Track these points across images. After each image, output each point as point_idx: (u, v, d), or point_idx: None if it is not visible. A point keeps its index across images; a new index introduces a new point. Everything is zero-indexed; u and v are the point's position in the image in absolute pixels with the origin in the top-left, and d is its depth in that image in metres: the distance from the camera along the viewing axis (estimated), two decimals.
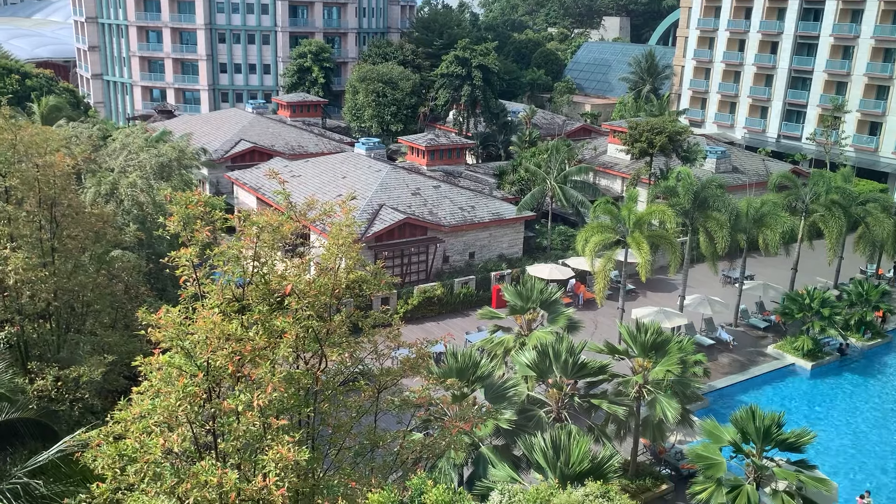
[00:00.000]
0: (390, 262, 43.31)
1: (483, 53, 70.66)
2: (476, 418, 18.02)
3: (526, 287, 29.08)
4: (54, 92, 56.49)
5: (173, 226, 14.17)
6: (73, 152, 25.44)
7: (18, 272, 19.27)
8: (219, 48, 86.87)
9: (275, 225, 14.14)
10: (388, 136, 71.00)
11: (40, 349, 21.22)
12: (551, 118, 79.03)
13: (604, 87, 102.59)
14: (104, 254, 23.73)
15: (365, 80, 72.53)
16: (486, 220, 47.18)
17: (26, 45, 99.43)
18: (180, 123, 67.08)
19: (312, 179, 49.65)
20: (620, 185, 60.03)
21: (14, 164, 21.54)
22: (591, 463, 18.97)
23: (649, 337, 25.61)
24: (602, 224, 36.21)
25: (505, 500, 12.63)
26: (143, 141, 37.38)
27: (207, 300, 14.02)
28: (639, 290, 46.14)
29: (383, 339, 15.91)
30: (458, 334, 37.74)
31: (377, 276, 15.58)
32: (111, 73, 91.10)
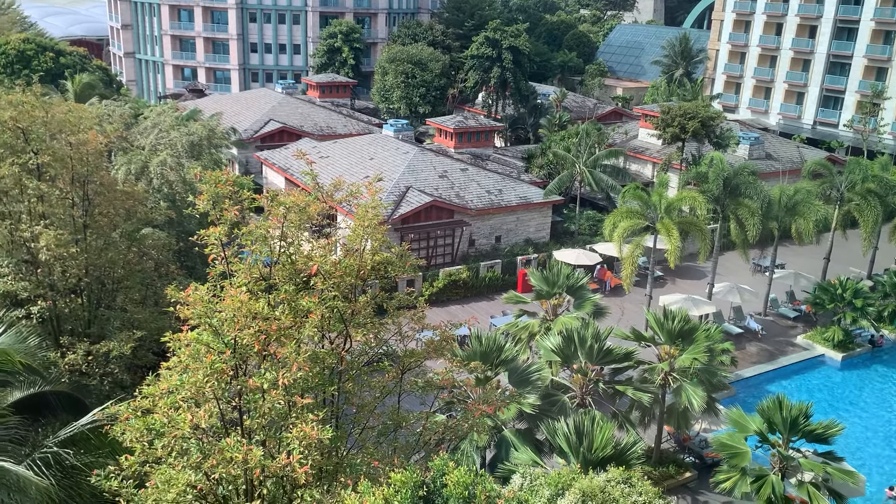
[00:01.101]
0: (416, 245, 43.36)
1: (514, 35, 70.01)
2: (499, 402, 18.03)
3: (552, 272, 28.95)
4: (88, 70, 57.09)
5: (202, 204, 14.31)
6: (105, 130, 25.72)
7: (51, 248, 19.59)
8: (249, 28, 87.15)
9: (302, 205, 14.20)
10: (416, 118, 70.85)
11: (72, 324, 21.61)
12: (582, 101, 78.24)
13: (636, 71, 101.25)
14: (135, 231, 24.03)
15: (394, 62, 72.33)
16: (513, 203, 46.96)
17: (61, 22, 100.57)
18: (211, 103, 67.53)
19: (340, 161, 49.76)
20: (651, 170, 59.35)
21: (46, 141, 21.83)
22: (614, 449, 18.92)
23: (676, 324, 25.38)
24: (631, 209, 35.84)
25: (526, 483, 12.64)
26: (173, 119, 37.69)
27: (235, 279, 14.15)
28: (667, 277, 45.71)
29: (408, 320, 15.95)
30: (482, 318, 37.75)
31: (402, 259, 15.59)
32: (143, 52, 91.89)
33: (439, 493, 11.00)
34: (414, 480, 10.95)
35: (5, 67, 52.47)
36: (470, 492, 10.59)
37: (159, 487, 12.42)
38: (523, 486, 12.78)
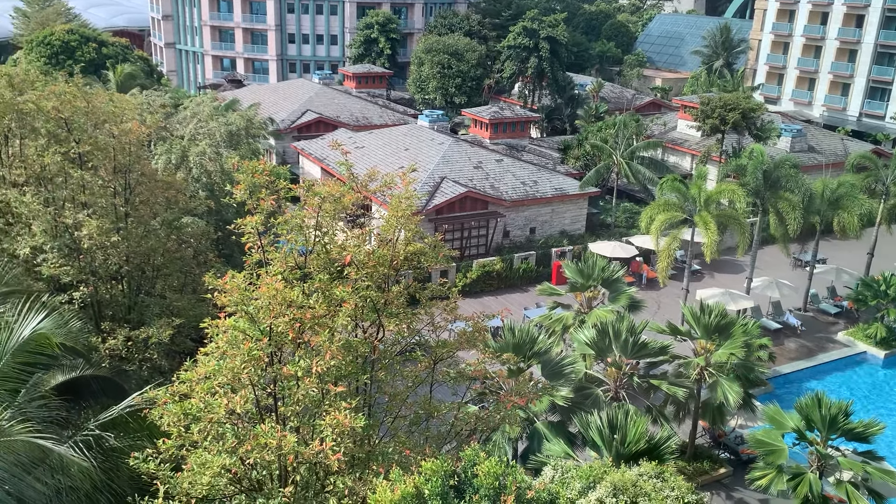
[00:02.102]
0: (450, 236, 43.39)
1: (552, 25, 69.42)
2: (531, 394, 18.00)
3: (587, 264, 28.74)
4: (129, 60, 58.07)
5: (240, 194, 14.49)
6: (146, 120, 26.16)
7: (93, 236, 20.01)
8: (287, 18, 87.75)
9: (336, 195, 14.29)
10: (451, 109, 70.75)
11: (113, 310, 22.06)
12: (620, 92, 77.36)
13: (675, 61, 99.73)
14: (174, 220, 24.41)
15: (430, 52, 72.26)
16: (548, 195, 46.69)
17: (104, 13, 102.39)
18: (249, 93, 68.25)
19: (375, 151, 49.95)
20: (690, 162, 58.52)
21: (87, 131, 22.26)
22: (647, 443, 18.76)
23: (713, 319, 25.05)
24: (669, 202, 35.40)
25: (558, 475, 12.62)
26: (212, 109, 38.19)
27: (271, 267, 14.31)
28: (704, 271, 45.09)
29: (440, 311, 15.98)
30: (516, 310, 37.67)
31: (435, 249, 15.61)
32: (183, 42, 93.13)
33: (470, 482, 11.03)
34: (445, 469, 10.99)
35: (50, 58, 53.61)
36: (500, 482, 10.60)
37: (195, 471, 12.65)
38: (554, 478, 12.76)
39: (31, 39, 57.36)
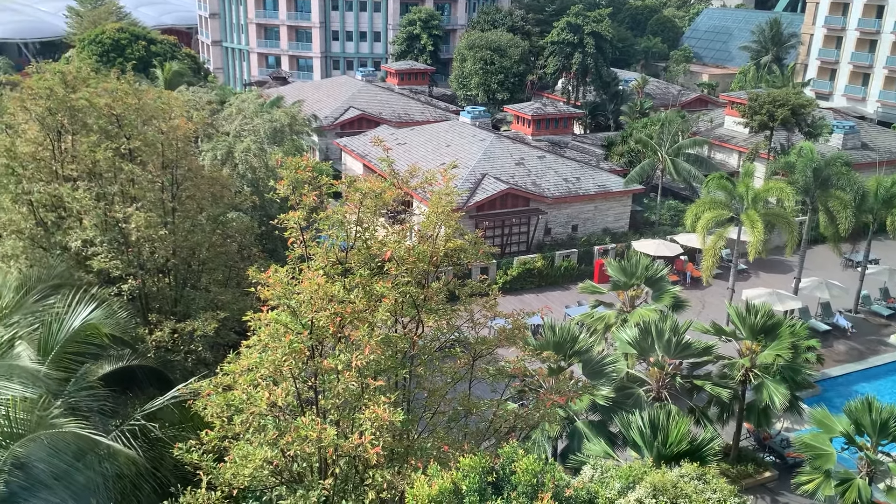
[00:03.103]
0: (491, 233, 43.30)
1: (596, 20, 68.69)
2: (572, 392, 17.87)
3: (630, 262, 28.40)
4: (177, 58, 59.21)
5: (283, 189, 14.68)
6: (192, 117, 26.64)
7: (141, 230, 20.46)
8: (331, 15, 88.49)
9: (377, 192, 14.37)
10: (494, 105, 70.55)
11: (159, 303, 22.52)
12: (665, 88, 76.21)
13: (723, 57, 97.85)
14: (220, 215, 24.81)
15: (473, 48, 72.13)
16: (591, 192, 46.26)
17: (153, 12, 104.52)
18: (293, 90, 69.04)
19: (417, 147, 50.09)
20: (737, 159, 57.39)
21: (138, 127, 22.75)
22: (689, 444, 18.48)
23: (759, 319, 24.55)
24: (715, 200, 34.78)
25: (597, 475, 12.51)
26: (257, 106, 38.72)
27: (313, 262, 14.45)
28: (751, 271, 44.21)
29: (480, 308, 15.95)
30: (557, 308, 37.42)
31: (475, 246, 15.59)
32: (230, 40, 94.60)
33: (508, 479, 11.00)
34: (483, 466, 10.98)
35: (101, 56, 54.97)
36: (538, 480, 10.55)
37: (237, 462, 12.88)
38: (593, 477, 12.64)
39: (84, 38, 58.87)
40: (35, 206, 22.08)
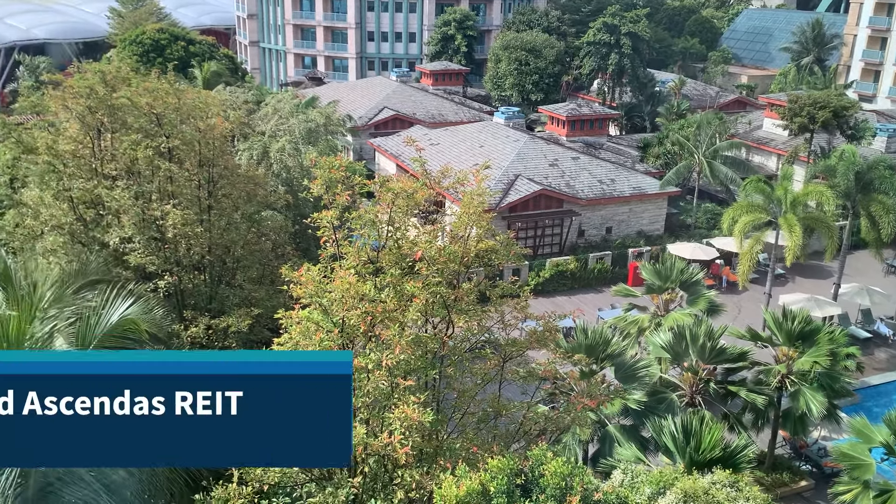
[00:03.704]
0: (524, 234, 43.13)
1: (633, 21, 68.05)
2: (603, 396, 17.70)
3: (665, 266, 28.07)
4: (215, 58, 60.03)
5: (316, 189, 14.79)
6: (229, 116, 26.98)
7: (177, 227, 20.78)
8: (367, 16, 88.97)
9: (409, 192, 14.39)
10: (528, 106, 70.30)
11: (195, 299, 22.83)
12: (703, 89, 75.22)
13: (763, 58, 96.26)
14: (255, 213, 25.10)
15: (508, 48, 71.96)
16: (626, 194, 45.83)
17: (192, 13, 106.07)
18: (328, 90, 69.56)
19: (450, 148, 50.11)
20: (775, 162, 56.38)
21: (177, 126, 23.11)
22: (722, 451, 18.19)
23: (797, 325, 24.08)
24: (753, 203, 34.25)
25: (627, 479, 12.37)
26: (292, 107, 39.08)
27: (345, 261, 14.53)
28: (788, 276, 43.41)
29: (511, 309, 15.89)
30: (589, 310, 37.14)
31: (507, 247, 15.53)
32: (267, 41, 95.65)
33: (536, 482, 10.94)
34: (511, 468, 10.93)
35: (141, 56, 55.98)
36: (567, 483, 10.47)
37: None
38: (623, 482, 12.51)
39: (124, 38, 60.02)
40: (75, 203, 22.55)
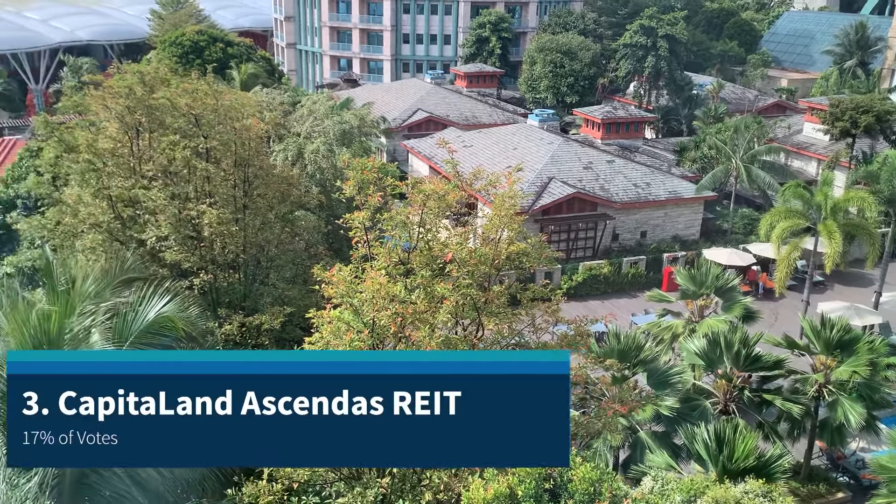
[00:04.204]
0: (556, 237, 42.90)
1: (671, 23, 67.34)
2: (634, 402, 17.52)
3: (701, 271, 27.71)
4: (253, 60, 60.73)
5: (349, 190, 14.88)
6: (265, 117, 27.28)
7: (213, 226, 21.06)
8: (403, 19, 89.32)
9: (441, 193, 14.40)
10: (563, 108, 69.93)
11: (229, 297, 23.12)
12: (741, 93, 74.10)
13: (804, 61, 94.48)
14: (289, 213, 25.32)
15: (543, 51, 71.69)
16: (661, 198, 45.33)
17: (230, 14, 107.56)
18: (363, 92, 69.98)
19: (483, 150, 50.06)
20: (815, 167, 55.32)
21: (214, 127, 23.43)
22: (756, 460, 17.87)
23: (835, 333, 23.58)
24: (791, 209, 33.63)
25: (657, 486, 12.21)
26: (327, 108, 39.39)
27: (376, 262, 14.60)
28: (827, 283, 42.53)
29: (542, 313, 15.80)
30: (622, 315, 36.78)
31: (538, 250, 15.45)
32: (303, 43, 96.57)
33: (565, 487, 10.86)
34: (540, 472, 10.87)
35: (181, 57, 56.88)
36: (595, 489, 10.38)
37: None
38: (654, 489, 12.35)
39: (164, 39, 61.05)
40: (114, 202, 22.98)
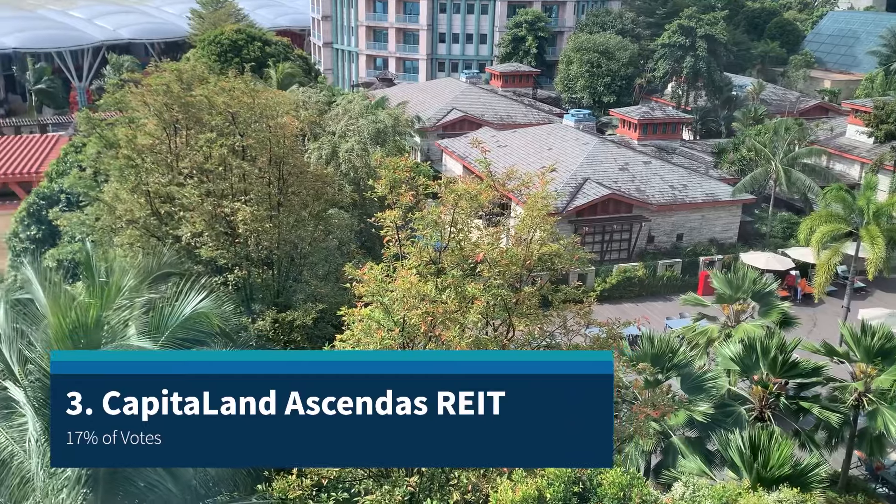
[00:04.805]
0: (591, 239, 42.55)
1: (710, 23, 66.39)
2: (667, 406, 17.28)
3: (737, 275, 27.24)
4: (290, 59, 61.26)
5: (381, 188, 14.91)
6: (300, 116, 27.49)
7: (247, 223, 21.28)
8: (439, 18, 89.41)
9: (473, 193, 14.35)
10: (599, 108, 69.36)
11: (262, 293, 23.36)
12: (782, 94, 72.74)
13: (848, 62, 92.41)
14: (322, 211, 25.48)
15: (580, 50, 71.20)
16: (698, 200, 44.70)
17: (269, 14, 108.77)
18: (398, 91, 70.18)
19: (518, 150, 49.85)
20: (858, 171, 54.05)
21: (251, 125, 23.67)
22: (792, 469, 17.50)
23: (877, 341, 22.98)
24: (832, 213, 32.91)
25: (688, 493, 12.01)
26: (362, 107, 39.57)
27: (407, 261, 14.60)
28: (869, 289, 41.54)
29: (573, 314, 15.66)
30: (656, 319, 36.35)
31: (571, 251, 15.31)
32: (340, 42, 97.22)
33: (594, 491, 10.74)
34: (569, 475, 10.77)
35: (219, 56, 57.61)
36: (625, 494, 10.25)
37: None
38: (684, 495, 12.16)
39: (203, 38, 61.91)
40: (151, 197, 23.35)
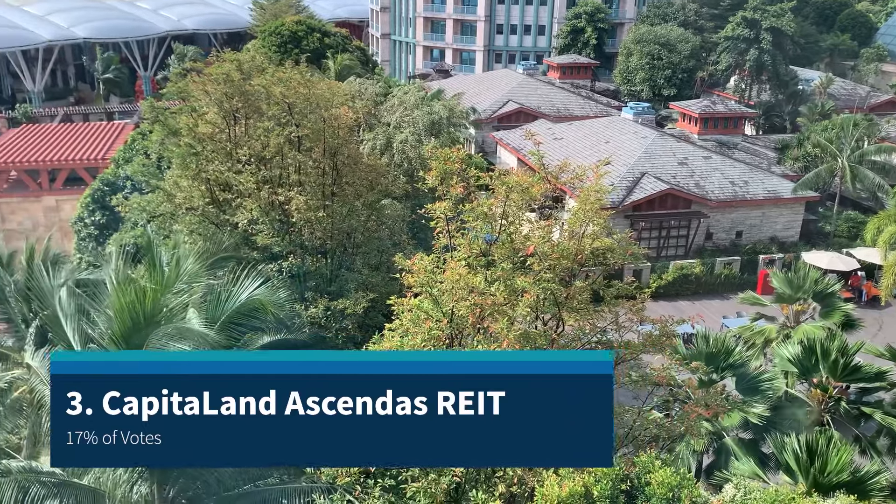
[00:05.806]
0: (647, 234, 41.84)
1: (776, 15, 64.36)
2: (720, 407, 16.90)
3: (798, 275, 26.45)
4: (348, 50, 61.72)
5: (431, 180, 14.93)
6: (355, 107, 27.71)
7: (301, 211, 21.59)
8: (497, 9, 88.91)
9: (524, 186, 14.24)
10: (659, 101, 68.03)
11: (316, 281, 23.71)
12: (852, 89, 70.17)
13: None
14: (375, 202, 25.69)
15: (640, 42, 69.91)
16: (759, 197, 43.50)
17: (328, 5, 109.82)
18: (454, 83, 70.09)
19: (574, 143, 49.29)
20: None
21: (307, 115, 23.98)
22: (851, 475, 16.92)
23: None
24: None
25: (739, 495, 11.73)
26: (417, 99, 39.65)
27: (457, 252, 14.60)
28: None
29: (626, 311, 15.43)
30: (713, 317, 35.59)
31: (624, 246, 15.07)
32: (398, 33, 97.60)
33: (642, 490, 10.58)
34: (617, 473, 10.63)
35: (279, 47, 58.45)
36: (674, 494, 10.06)
37: None
38: (735, 497, 11.88)
39: (264, 29, 62.88)
40: (211, 185, 23.89)
